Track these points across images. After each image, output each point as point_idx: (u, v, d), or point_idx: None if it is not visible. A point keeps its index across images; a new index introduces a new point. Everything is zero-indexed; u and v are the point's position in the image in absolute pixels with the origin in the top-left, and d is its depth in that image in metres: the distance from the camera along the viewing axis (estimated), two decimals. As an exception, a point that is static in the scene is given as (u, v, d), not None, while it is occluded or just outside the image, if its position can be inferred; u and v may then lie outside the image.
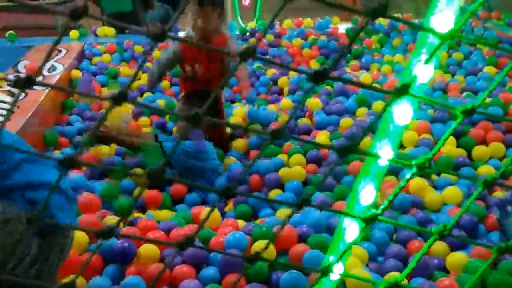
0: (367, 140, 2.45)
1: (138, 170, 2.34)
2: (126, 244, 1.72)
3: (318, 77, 0.60)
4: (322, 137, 2.62)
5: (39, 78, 3.25)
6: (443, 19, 0.72)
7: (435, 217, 1.99)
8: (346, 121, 2.72)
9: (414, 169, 0.72)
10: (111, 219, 1.92)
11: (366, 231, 0.75)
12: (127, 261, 1.73)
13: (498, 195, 2.06)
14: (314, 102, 3.00)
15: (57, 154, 2.64)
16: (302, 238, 1.82)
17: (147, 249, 1.74)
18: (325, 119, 2.83)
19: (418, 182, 2.11)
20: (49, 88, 3.18)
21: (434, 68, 0.79)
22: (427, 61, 0.75)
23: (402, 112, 0.81)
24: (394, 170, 2.19)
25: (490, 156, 2.41)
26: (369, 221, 0.73)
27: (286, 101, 3.15)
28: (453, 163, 2.32)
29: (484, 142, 2.49)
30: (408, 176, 0.74)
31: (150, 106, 0.64)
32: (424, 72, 0.76)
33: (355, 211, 0.87)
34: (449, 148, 2.40)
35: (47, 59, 0.55)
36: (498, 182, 0.77)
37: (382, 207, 0.73)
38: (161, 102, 3.23)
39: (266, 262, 1.55)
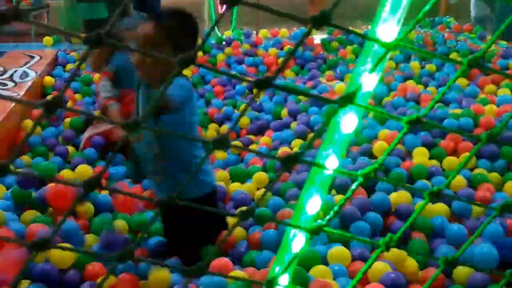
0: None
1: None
2: None
3: (262, 85, 0.60)
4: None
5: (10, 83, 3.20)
6: (388, 29, 0.72)
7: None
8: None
9: (360, 179, 0.72)
10: None
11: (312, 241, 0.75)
12: None
13: None
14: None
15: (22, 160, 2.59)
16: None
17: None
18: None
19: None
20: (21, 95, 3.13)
21: (380, 77, 0.79)
22: (371, 70, 0.75)
23: (348, 121, 0.80)
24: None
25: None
26: (314, 232, 0.72)
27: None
28: (427, 172, 2.33)
29: (456, 152, 2.53)
30: (354, 187, 0.74)
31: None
32: (369, 81, 0.76)
33: (301, 221, 0.85)
34: (422, 159, 2.43)
35: None
36: (443, 194, 0.78)
37: (327, 217, 0.73)
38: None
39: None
